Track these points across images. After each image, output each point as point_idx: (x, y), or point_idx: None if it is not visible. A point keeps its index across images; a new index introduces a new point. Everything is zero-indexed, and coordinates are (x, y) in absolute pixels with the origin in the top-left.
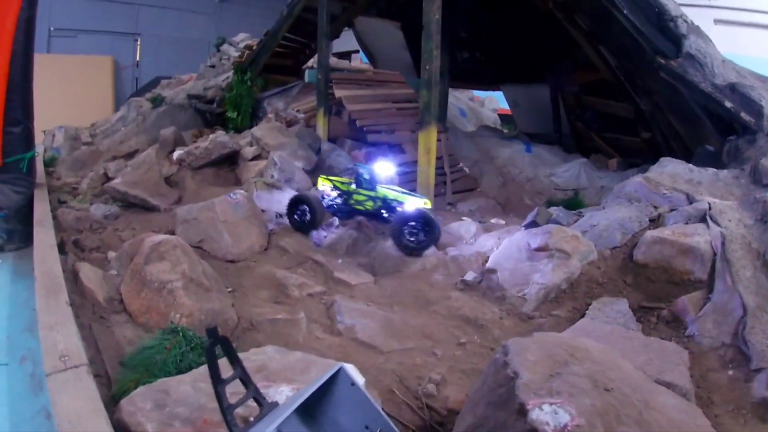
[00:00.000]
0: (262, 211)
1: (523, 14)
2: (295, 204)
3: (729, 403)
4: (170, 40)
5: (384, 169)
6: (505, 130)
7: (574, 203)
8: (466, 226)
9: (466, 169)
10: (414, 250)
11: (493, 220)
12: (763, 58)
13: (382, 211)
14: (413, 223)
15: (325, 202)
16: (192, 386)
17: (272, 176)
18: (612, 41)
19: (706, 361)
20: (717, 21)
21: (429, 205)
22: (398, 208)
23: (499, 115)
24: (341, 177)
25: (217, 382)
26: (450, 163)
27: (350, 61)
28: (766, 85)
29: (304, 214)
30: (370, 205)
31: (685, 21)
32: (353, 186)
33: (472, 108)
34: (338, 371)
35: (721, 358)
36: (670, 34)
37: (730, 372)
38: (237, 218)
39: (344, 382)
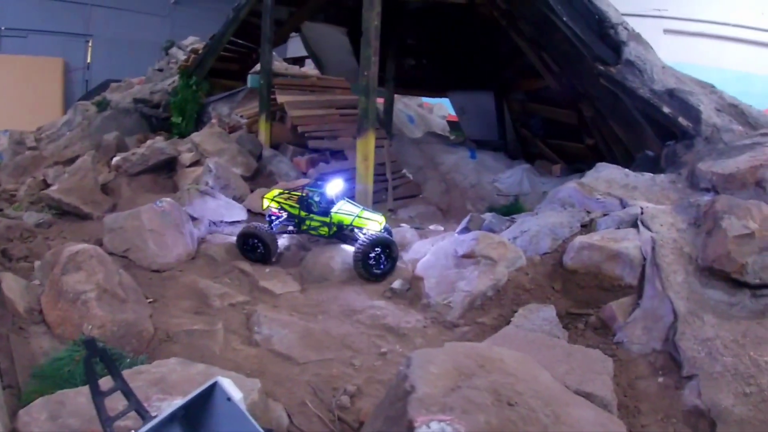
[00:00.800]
0: (195, 219)
1: (468, 22)
2: (244, 239)
3: (658, 411)
4: (122, 42)
5: (334, 187)
6: (452, 137)
7: (514, 209)
8: (402, 233)
9: (410, 176)
10: (379, 277)
11: (431, 227)
12: (713, 67)
13: (338, 237)
14: (378, 250)
15: (274, 223)
16: (87, 398)
17: (207, 183)
18: (554, 48)
19: (635, 368)
20: (666, 31)
21: (383, 223)
22: (357, 231)
23: (448, 121)
24: (291, 192)
25: (96, 394)
26: (393, 170)
27: (303, 66)
28: (705, 91)
29: (255, 248)
30: (324, 231)
31: (626, 28)
32: (303, 212)
33: (421, 115)
34: (214, 386)
35: (651, 365)
36: (610, 41)
37: (660, 379)
38: (164, 227)
39: (221, 397)
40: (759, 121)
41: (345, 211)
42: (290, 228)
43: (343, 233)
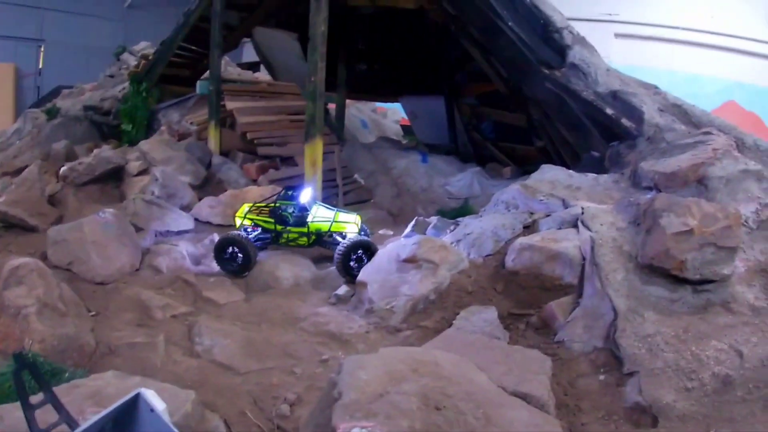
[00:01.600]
0: (141, 229)
1: (419, 27)
2: (222, 247)
3: (599, 409)
4: (75, 47)
5: (305, 195)
6: (405, 141)
7: (464, 211)
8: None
9: (361, 181)
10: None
11: (380, 231)
12: (664, 69)
13: (317, 245)
14: (360, 252)
15: (251, 237)
16: None
17: (153, 192)
18: (501, 53)
19: (577, 366)
20: (617, 35)
21: (359, 223)
22: (336, 236)
23: (401, 126)
24: (261, 207)
25: (26, 407)
26: (344, 175)
27: (258, 72)
28: (649, 92)
29: (234, 257)
30: (304, 241)
31: (571, 32)
32: (279, 226)
33: (375, 119)
34: (137, 397)
35: (592, 363)
36: (555, 45)
37: (602, 377)
38: (107, 238)
39: (145, 409)
40: (702, 121)
41: (321, 217)
42: (268, 241)
43: (323, 240)
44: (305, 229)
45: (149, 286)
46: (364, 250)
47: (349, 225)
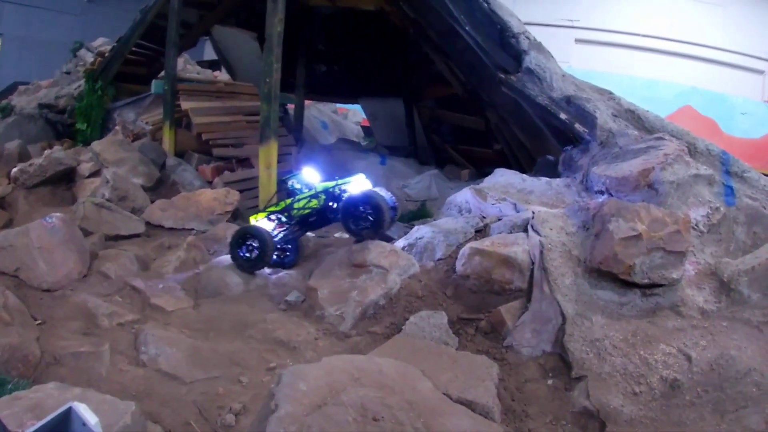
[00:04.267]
0: (90, 233)
1: (379, 29)
2: (241, 238)
3: (547, 414)
4: (34, 41)
5: (311, 175)
6: (365, 143)
7: (421, 214)
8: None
9: None
10: (361, 237)
11: (336, 235)
12: (623, 74)
13: (330, 203)
14: (361, 209)
15: (277, 238)
16: None
17: (103, 195)
18: (458, 56)
19: (525, 371)
20: (578, 40)
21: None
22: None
23: (362, 127)
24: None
25: None
26: None
27: (216, 70)
28: (603, 97)
29: (250, 251)
30: (315, 203)
31: (528, 37)
32: (288, 200)
33: (335, 121)
34: (69, 411)
35: (540, 368)
36: (511, 49)
37: (550, 381)
38: (54, 244)
39: (77, 422)
40: (655, 126)
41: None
42: (286, 228)
43: (334, 199)
44: (312, 192)
45: (96, 293)
46: (370, 206)
47: (356, 178)
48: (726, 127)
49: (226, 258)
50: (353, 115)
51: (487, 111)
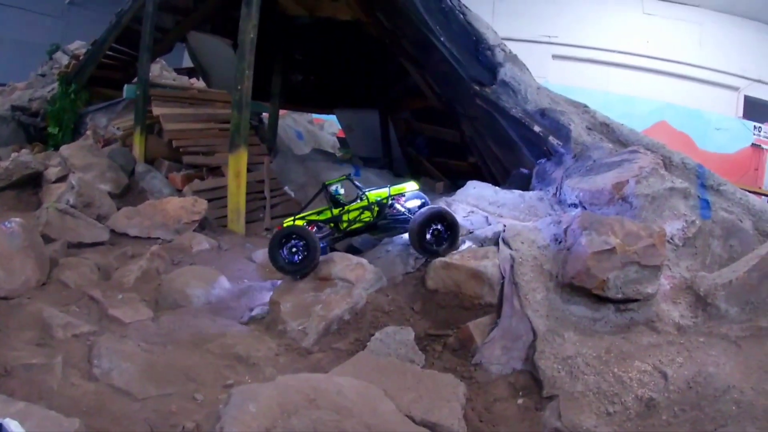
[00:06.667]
0: (52, 240)
1: (356, 40)
2: (285, 239)
3: None
4: (11, 42)
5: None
6: (340, 154)
7: None
8: None
9: (291, 193)
10: (435, 253)
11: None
12: (599, 90)
13: (384, 214)
14: (437, 226)
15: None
16: None
17: (68, 201)
18: (434, 68)
19: (494, 390)
20: (555, 56)
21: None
22: (397, 205)
23: (338, 138)
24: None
25: None
26: (273, 187)
27: (193, 78)
28: (578, 111)
29: (294, 253)
30: (368, 216)
31: (503, 50)
32: (335, 209)
33: (311, 131)
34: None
35: (510, 386)
36: (486, 62)
37: (520, 401)
38: (11, 250)
39: None
40: (629, 139)
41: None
42: (332, 235)
43: (385, 215)
44: (365, 202)
45: (54, 302)
46: (442, 222)
47: (409, 185)
48: (701, 143)
49: (189, 269)
50: (329, 125)
51: (462, 123)
